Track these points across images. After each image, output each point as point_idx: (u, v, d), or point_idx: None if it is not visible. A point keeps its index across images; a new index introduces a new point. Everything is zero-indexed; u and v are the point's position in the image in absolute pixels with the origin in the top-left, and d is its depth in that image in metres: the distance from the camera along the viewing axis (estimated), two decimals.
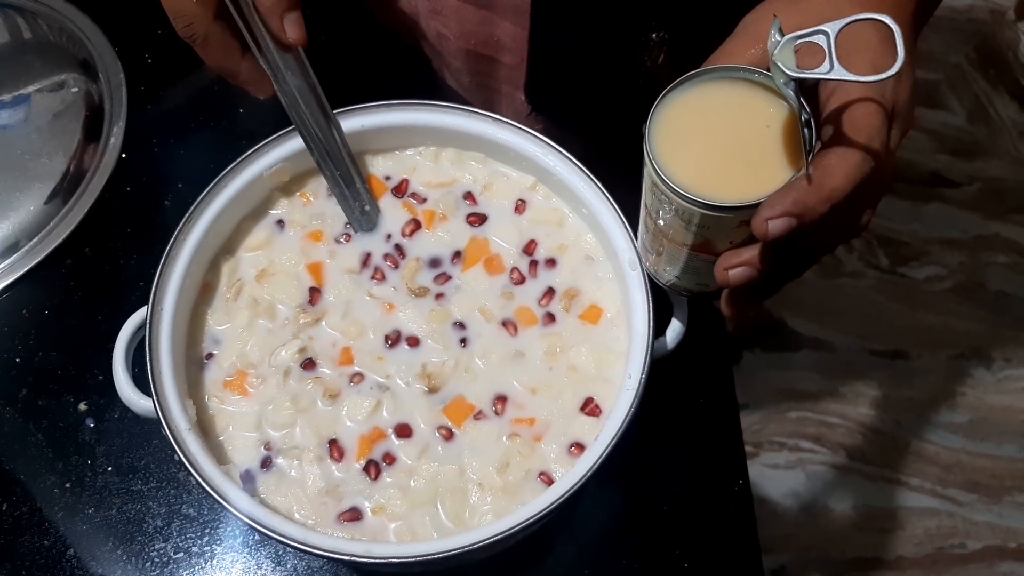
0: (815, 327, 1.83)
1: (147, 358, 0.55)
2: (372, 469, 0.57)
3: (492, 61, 0.75)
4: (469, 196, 0.66)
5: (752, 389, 1.76)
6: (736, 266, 0.48)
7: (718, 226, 0.48)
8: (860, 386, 1.78)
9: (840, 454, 1.71)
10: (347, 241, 0.64)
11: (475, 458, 0.57)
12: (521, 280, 0.63)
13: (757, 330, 1.82)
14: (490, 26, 0.72)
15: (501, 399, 0.59)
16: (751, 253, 0.48)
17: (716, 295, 0.55)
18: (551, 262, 0.64)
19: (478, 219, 0.65)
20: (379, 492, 0.56)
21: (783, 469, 1.68)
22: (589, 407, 0.59)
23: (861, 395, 1.77)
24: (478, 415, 0.58)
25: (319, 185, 0.65)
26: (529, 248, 0.64)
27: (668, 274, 0.57)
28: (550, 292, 0.63)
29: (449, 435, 0.58)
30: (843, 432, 1.73)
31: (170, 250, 0.58)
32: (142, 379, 0.56)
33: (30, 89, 0.83)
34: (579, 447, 0.57)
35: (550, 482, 0.56)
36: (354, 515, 0.55)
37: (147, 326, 0.55)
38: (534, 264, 0.64)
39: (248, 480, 0.56)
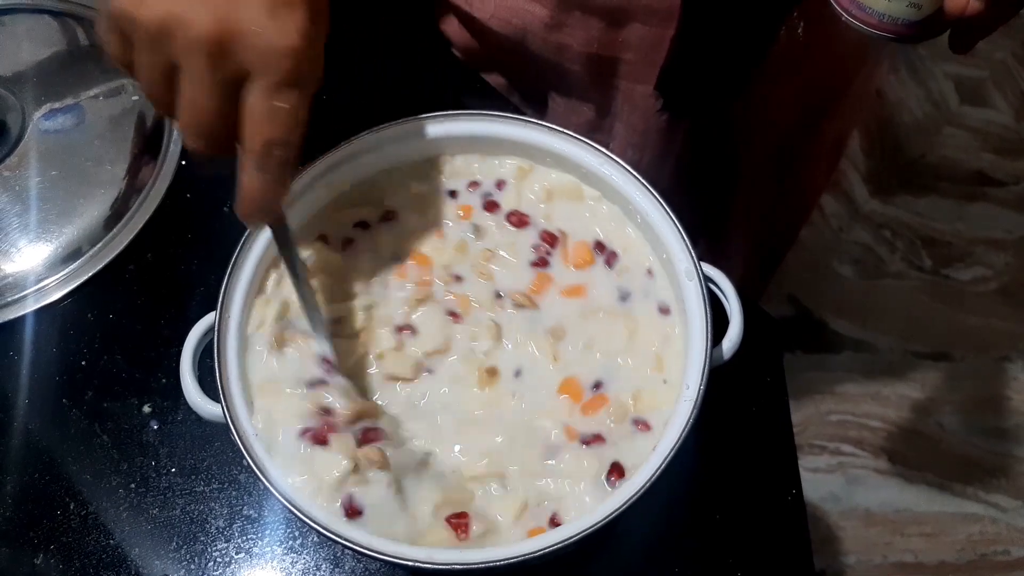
0: (857, 328, 1.81)
1: (215, 365, 0.56)
2: None
3: (614, 61, 0.76)
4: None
5: (792, 391, 1.74)
6: None
7: None
8: (902, 388, 1.76)
9: (881, 457, 1.69)
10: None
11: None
12: None
13: (797, 330, 1.81)
14: (616, 30, 0.73)
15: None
16: None
17: (920, 33, 0.49)
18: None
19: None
20: None
21: (823, 472, 1.67)
22: (640, 426, 0.59)
23: (903, 398, 1.75)
24: None
25: None
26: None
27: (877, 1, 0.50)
28: None
29: None
30: (884, 435, 1.71)
31: (236, 257, 0.59)
32: (204, 383, 0.58)
33: (89, 95, 0.84)
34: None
35: None
36: None
37: (215, 333, 0.57)
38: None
39: None
